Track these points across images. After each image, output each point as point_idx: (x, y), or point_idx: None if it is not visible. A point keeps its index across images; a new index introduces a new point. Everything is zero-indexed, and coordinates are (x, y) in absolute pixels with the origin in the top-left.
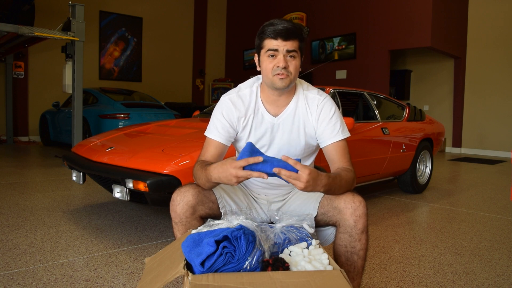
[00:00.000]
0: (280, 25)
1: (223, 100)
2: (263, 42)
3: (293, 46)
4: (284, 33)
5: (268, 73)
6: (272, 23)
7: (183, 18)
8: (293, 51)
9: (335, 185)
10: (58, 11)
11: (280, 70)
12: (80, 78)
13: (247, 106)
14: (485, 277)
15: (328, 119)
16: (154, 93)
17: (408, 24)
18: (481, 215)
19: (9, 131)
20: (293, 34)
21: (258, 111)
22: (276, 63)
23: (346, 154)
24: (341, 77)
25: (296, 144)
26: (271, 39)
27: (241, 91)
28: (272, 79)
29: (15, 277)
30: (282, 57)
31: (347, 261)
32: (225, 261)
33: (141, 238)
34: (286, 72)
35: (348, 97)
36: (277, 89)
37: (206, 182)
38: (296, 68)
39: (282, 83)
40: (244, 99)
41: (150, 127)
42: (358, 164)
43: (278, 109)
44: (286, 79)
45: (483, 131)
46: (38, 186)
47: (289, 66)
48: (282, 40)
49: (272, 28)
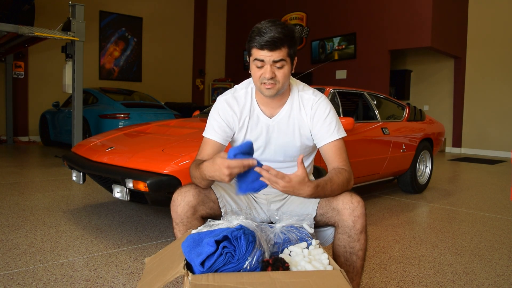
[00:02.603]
0: (267, 34)
1: (219, 100)
2: (251, 50)
3: (280, 55)
4: (270, 44)
5: (256, 80)
6: (259, 32)
7: (183, 18)
8: (280, 60)
9: (325, 192)
10: (58, 11)
11: (267, 80)
12: (80, 78)
13: (242, 107)
14: (485, 277)
15: (323, 119)
16: (154, 93)
17: (408, 24)
18: (481, 215)
19: (9, 131)
20: (280, 43)
21: (253, 112)
22: (263, 73)
23: (342, 153)
24: (341, 77)
25: (292, 145)
26: (258, 49)
27: (237, 92)
28: (259, 87)
29: (15, 277)
30: (268, 68)
31: (346, 261)
32: (225, 261)
33: (141, 238)
34: (273, 82)
35: (348, 97)
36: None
37: (201, 180)
38: (285, 75)
39: (269, 92)
40: (239, 100)
41: (150, 127)
42: (358, 164)
43: (273, 110)
44: (273, 88)
45: (483, 131)
46: (38, 186)
47: (276, 75)
48: (268, 50)
49: (259, 38)
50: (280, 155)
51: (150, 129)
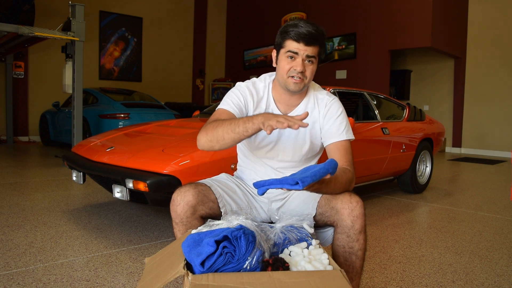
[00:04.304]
0: (305, 28)
1: (240, 84)
2: (285, 42)
3: (314, 51)
4: (307, 38)
5: (284, 73)
6: (296, 25)
7: (183, 18)
8: (312, 56)
9: (328, 188)
10: (58, 11)
11: (297, 74)
12: (80, 78)
13: (260, 99)
14: (485, 277)
15: (334, 118)
16: (154, 93)
17: (408, 24)
18: (481, 215)
19: (9, 131)
20: (316, 40)
21: (269, 107)
22: (294, 66)
23: (348, 154)
24: (341, 77)
25: (302, 143)
26: (293, 41)
27: (256, 84)
28: (286, 80)
29: (15, 277)
30: (300, 61)
31: (346, 262)
32: (225, 261)
33: (141, 238)
34: (302, 77)
35: (348, 97)
36: (290, 91)
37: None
38: (312, 72)
39: (295, 87)
40: (258, 91)
41: (150, 127)
42: (358, 164)
43: (288, 108)
44: (301, 83)
45: (483, 131)
46: (38, 186)
47: (306, 70)
48: (304, 44)
49: (296, 30)
50: (289, 153)
51: (150, 129)
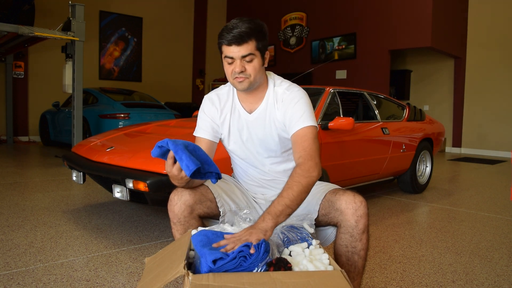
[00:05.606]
0: (234, 29)
1: (203, 99)
2: (221, 47)
3: (248, 49)
4: (237, 39)
5: (229, 76)
6: (227, 27)
7: (183, 18)
8: (248, 54)
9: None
10: (58, 11)
11: (238, 74)
12: (80, 78)
13: (224, 104)
14: (485, 277)
15: (291, 109)
16: (154, 93)
17: (408, 24)
18: (481, 215)
19: (9, 131)
20: (247, 37)
21: (235, 108)
22: (234, 68)
23: (305, 142)
24: (341, 77)
25: (271, 139)
26: (226, 46)
27: (220, 89)
28: (232, 82)
29: (15, 277)
30: (238, 63)
31: (348, 261)
32: (237, 264)
33: (141, 238)
34: (244, 75)
35: (348, 97)
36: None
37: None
38: (255, 68)
39: (241, 86)
40: (222, 97)
41: (150, 127)
42: (358, 164)
43: (252, 106)
44: (245, 81)
45: (483, 131)
46: (38, 186)
47: (246, 69)
48: (236, 46)
49: (226, 34)
50: (262, 148)
51: (150, 129)
